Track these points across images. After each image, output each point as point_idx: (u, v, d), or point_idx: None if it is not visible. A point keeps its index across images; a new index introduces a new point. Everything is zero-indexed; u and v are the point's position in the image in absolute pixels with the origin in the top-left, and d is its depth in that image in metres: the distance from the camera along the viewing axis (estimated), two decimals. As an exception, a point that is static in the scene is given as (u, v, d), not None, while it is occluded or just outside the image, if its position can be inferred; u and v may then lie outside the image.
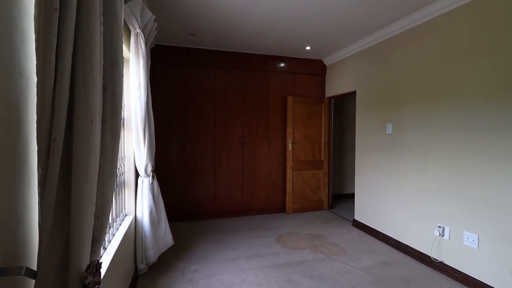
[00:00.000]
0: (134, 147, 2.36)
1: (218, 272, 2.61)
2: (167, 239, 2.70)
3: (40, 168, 0.71)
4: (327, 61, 4.63)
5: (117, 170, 2.14)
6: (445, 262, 2.63)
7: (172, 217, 3.94)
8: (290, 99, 4.46)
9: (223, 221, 4.13)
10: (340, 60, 4.36)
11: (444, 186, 2.65)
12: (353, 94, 4.12)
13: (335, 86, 4.51)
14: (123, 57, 2.11)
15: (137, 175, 2.56)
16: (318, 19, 3.08)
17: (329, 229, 3.80)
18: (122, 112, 2.30)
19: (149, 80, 2.48)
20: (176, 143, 4.07)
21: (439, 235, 2.67)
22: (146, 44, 2.31)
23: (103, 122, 0.94)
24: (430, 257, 2.75)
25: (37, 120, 0.71)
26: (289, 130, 4.47)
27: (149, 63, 2.60)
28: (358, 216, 3.92)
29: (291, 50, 4.20)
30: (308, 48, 4.08)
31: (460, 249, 2.51)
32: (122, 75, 1.06)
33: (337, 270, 2.67)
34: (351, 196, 4.71)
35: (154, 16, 2.36)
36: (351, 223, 4.03)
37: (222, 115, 4.26)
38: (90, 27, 0.82)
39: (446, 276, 2.58)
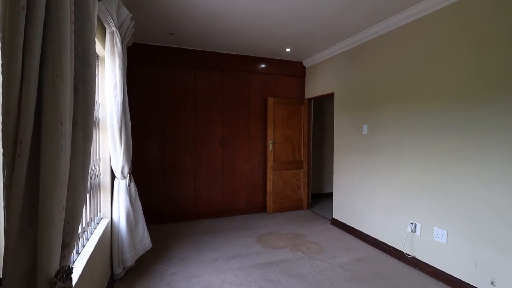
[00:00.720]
0: (110, 149, 2.30)
1: (198, 273, 2.60)
2: (145, 242, 2.65)
3: (5, 171, 0.69)
4: (307, 63, 4.72)
5: (92, 172, 2.08)
6: (417, 257, 2.76)
7: (151, 219, 3.86)
8: (270, 100, 4.50)
9: (203, 222, 4.10)
10: (319, 62, 4.46)
11: (416, 184, 2.78)
12: (331, 95, 4.23)
13: (315, 88, 4.60)
14: (96, 57, 2.05)
15: (113, 177, 2.49)
16: (296, 23, 3.13)
17: (308, 228, 3.87)
18: (97, 112, 2.24)
19: (125, 80, 2.43)
20: (155, 144, 4.00)
21: (411, 231, 2.80)
22: (122, 42, 2.26)
23: (75, 124, 0.92)
24: (403, 252, 2.88)
25: (2, 121, 0.68)
26: (269, 130, 4.52)
27: (126, 62, 2.55)
28: (336, 215, 4.02)
29: (271, 51, 4.24)
30: (288, 50, 4.14)
31: (431, 244, 2.64)
32: (95, 75, 1.04)
33: (316, 268, 2.73)
34: (330, 195, 4.82)
35: (131, 14, 2.31)
36: (329, 222, 4.13)
37: (202, 115, 4.23)
38: (60, 26, 0.80)
39: (418, 270, 2.70)
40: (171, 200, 4.08)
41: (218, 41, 3.77)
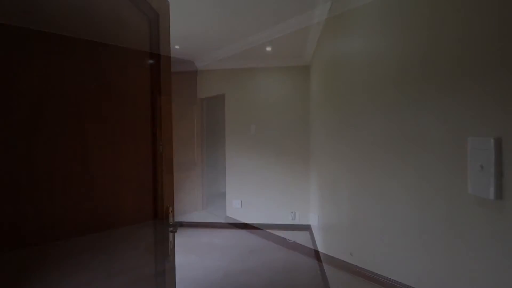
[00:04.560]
0: None
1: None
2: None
3: None
4: (199, 63, 4.67)
5: None
6: (298, 242, 3.11)
7: None
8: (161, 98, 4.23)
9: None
10: (210, 64, 4.48)
11: (295, 177, 3.14)
12: (222, 96, 4.32)
13: (207, 88, 4.60)
14: None
15: None
16: (183, 20, 3.05)
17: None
18: None
19: None
20: None
21: (292, 219, 3.14)
22: None
23: None
24: (285, 238, 3.19)
25: None
26: (159, 131, 4.24)
27: None
28: (229, 213, 4.13)
29: (160, 47, 3.99)
30: (177, 47, 3.99)
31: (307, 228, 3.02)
32: None
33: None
34: (225, 194, 4.91)
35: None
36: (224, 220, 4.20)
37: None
38: None
39: (298, 253, 3.05)
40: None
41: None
